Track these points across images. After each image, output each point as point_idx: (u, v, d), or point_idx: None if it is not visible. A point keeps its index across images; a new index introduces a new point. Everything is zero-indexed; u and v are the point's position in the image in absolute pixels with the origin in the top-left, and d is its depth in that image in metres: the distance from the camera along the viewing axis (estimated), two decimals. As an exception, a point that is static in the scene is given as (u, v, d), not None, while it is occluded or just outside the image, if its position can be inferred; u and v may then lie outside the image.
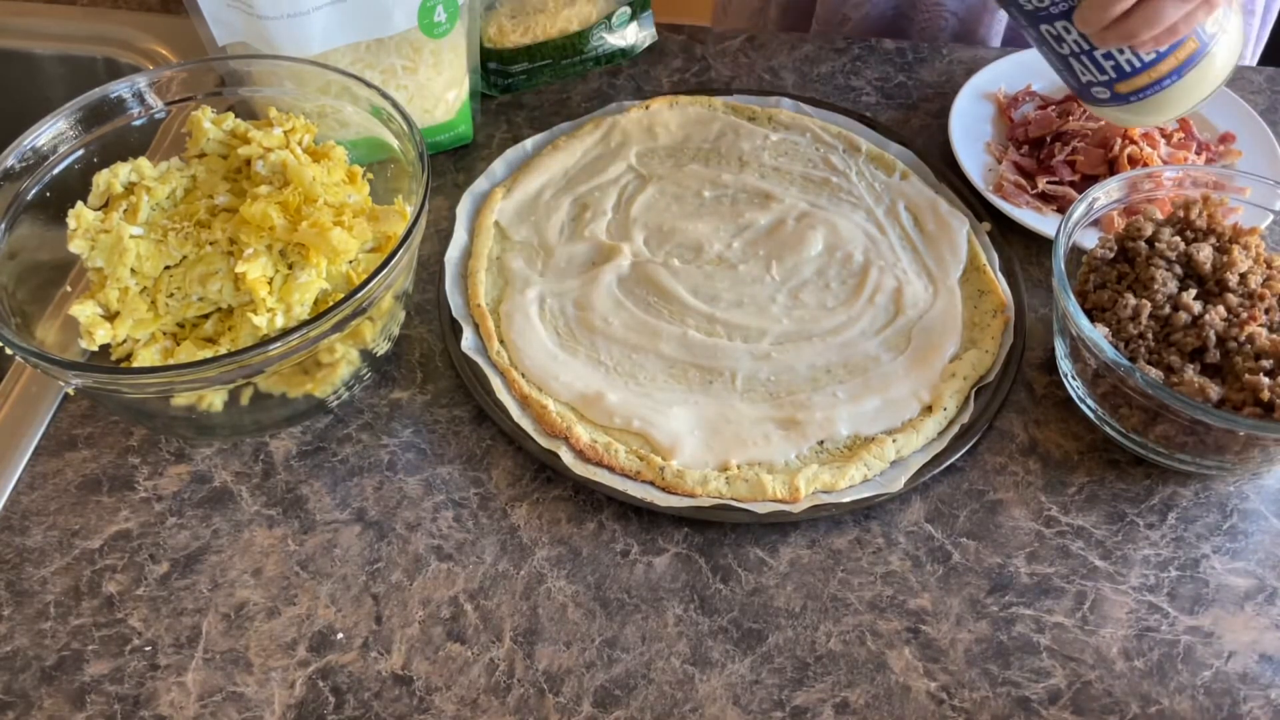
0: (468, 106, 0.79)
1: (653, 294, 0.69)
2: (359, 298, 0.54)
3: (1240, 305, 0.59)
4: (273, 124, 0.63)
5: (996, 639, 0.55)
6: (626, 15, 0.86)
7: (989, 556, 0.58)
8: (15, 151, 0.61)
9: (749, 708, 0.52)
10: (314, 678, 0.53)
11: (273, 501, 0.60)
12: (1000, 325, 0.67)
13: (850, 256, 0.71)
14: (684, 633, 0.55)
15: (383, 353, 0.64)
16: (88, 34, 0.91)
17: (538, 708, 0.52)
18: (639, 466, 0.60)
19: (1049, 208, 0.74)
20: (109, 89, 0.64)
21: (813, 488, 0.59)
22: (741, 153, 0.79)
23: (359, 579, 0.57)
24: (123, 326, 0.58)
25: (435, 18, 0.71)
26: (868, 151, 0.78)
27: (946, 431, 0.63)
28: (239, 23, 0.68)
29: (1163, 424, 0.57)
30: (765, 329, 0.67)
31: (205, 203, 0.61)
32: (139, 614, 0.55)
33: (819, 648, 0.54)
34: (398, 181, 0.66)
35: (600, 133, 0.80)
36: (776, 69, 0.88)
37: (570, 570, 0.57)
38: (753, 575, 0.57)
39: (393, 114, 0.63)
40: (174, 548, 0.58)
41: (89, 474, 0.61)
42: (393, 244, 0.60)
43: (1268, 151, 0.77)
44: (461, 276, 0.71)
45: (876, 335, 0.67)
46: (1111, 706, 0.52)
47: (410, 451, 0.62)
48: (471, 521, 0.59)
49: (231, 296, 0.59)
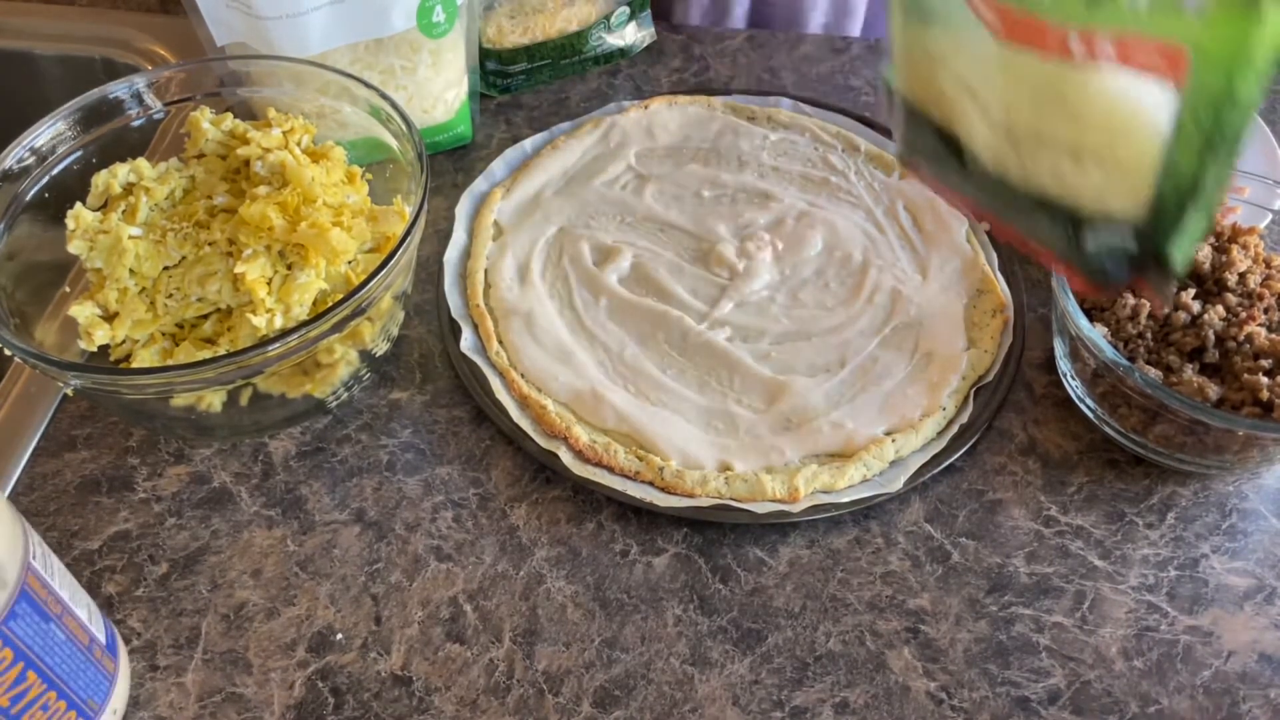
0: (467, 107, 0.79)
1: (652, 294, 0.69)
2: (358, 298, 0.54)
3: (1239, 305, 0.59)
4: (271, 124, 0.63)
5: (996, 639, 0.55)
6: (625, 15, 0.86)
7: (988, 556, 0.58)
8: (14, 152, 0.61)
9: (748, 708, 0.52)
10: (313, 678, 0.53)
11: (272, 502, 0.60)
12: (999, 325, 0.67)
13: (849, 256, 0.71)
14: (683, 633, 0.55)
15: (382, 353, 0.64)
16: (86, 34, 0.90)
17: (537, 708, 0.52)
18: (638, 467, 0.60)
19: (1048, 207, 0.74)
20: (108, 89, 0.64)
21: (812, 488, 0.59)
22: (740, 152, 0.79)
23: (358, 579, 0.57)
24: (121, 327, 0.58)
25: (434, 18, 0.71)
26: (867, 151, 0.79)
27: (945, 431, 0.63)
28: (238, 23, 0.68)
29: (1162, 424, 0.58)
30: (764, 329, 0.67)
31: (204, 203, 0.61)
32: (138, 614, 0.55)
33: (818, 648, 0.54)
34: (397, 182, 0.66)
35: (599, 133, 0.80)
36: (775, 69, 0.88)
37: (570, 570, 0.57)
38: (752, 575, 0.57)
39: (392, 114, 0.63)
40: (173, 548, 0.58)
41: (88, 475, 0.61)
42: (392, 244, 0.60)
43: (1266, 151, 0.77)
44: (460, 277, 0.71)
45: (875, 335, 0.67)
46: (1111, 706, 0.52)
47: (409, 452, 0.62)
48: (471, 522, 0.59)
49: (230, 297, 0.59)
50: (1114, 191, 0.39)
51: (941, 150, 0.47)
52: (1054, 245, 0.44)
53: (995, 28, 0.40)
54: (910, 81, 0.48)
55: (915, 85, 0.48)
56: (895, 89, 0.49)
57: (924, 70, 0.46)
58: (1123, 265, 0.42)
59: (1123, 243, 0.40)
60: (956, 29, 0.43)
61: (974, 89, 0.43)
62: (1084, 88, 0.38)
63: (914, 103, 0.48)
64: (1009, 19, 0.39)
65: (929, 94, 0.47)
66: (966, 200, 0.49)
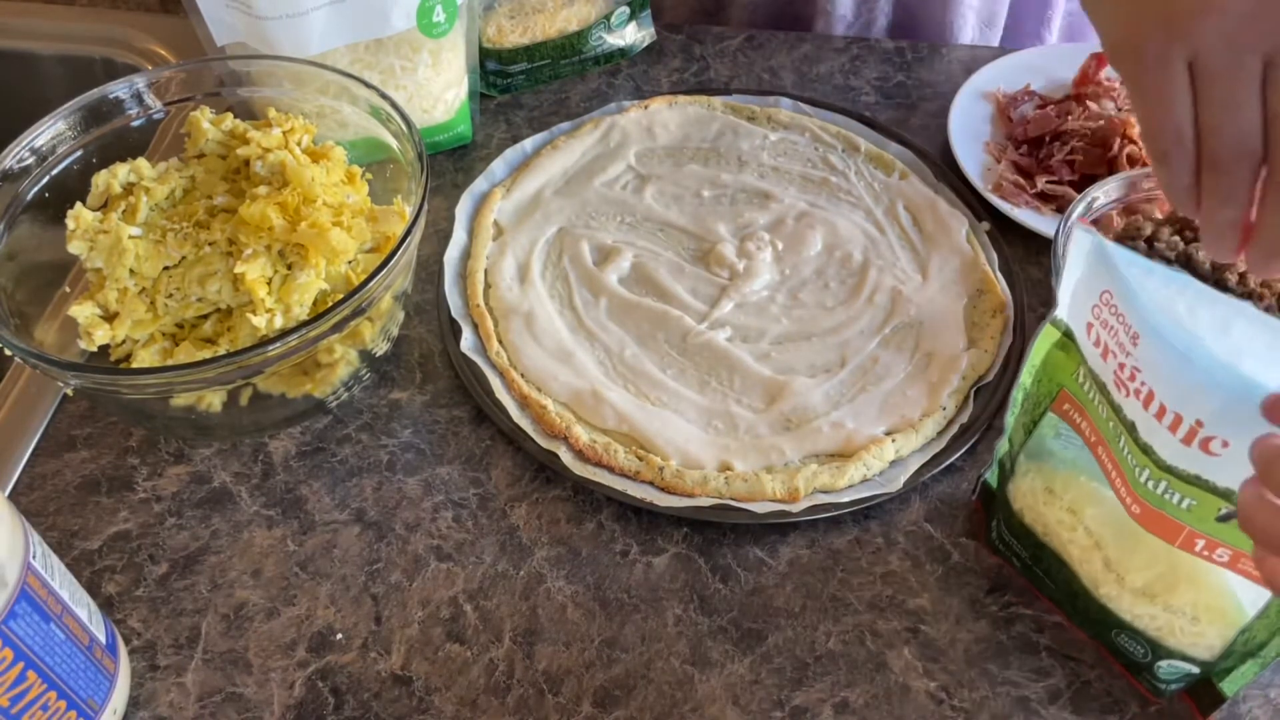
0: (466, 107, 0.79)
1: (652, 294, 0.69)
2: (358, 298, 0.54)
3: (1239, 305, 0.59)
4: (271, 124, 0.63)
5: (996, 639, 0.55)
6: (625, 15, 0.86)
7: (988, 556, 0.58)
8: (14, 152, 0.61)
9: (748, 708, 0.52)
10: (313, 678, 0.53)
11: (272, 502, 0.60)
12: (999, 325, 0.67)
13: (849, 256, 0.71)
14: (683, 633, 0.55)
15: (382, 353, 0.64)
16: (86, 34, 0.90)
17: (537, 708, 0.52)
18: (638, 466, 0.60)
19: (1048, 207, 0.74)
20: (108, 89, 0.64)
21: (812, 488, 0.59)
22: (740, 152, 0.79)
23: (358, 579, 0.57)
24: (122, 327, 0.58)
25: (434, 18, 0.71)
26: (866, 151, 0.78)
27: (945, 431, 0.63)
28: (238, 23, 0.68)
29: (1162, 424, 0.58)
30: (764, 329, 0.67)
31: (204, 203, 0.61)
32: (138, 614, 0.55)
33: (818, 648, 0.54)
34: (397, 182, 0.66)
35: (599, 133, 0.80)
36: (775, 68, 0.88)
37: (570, 570, 0.57)
38: (752, 575, 0.57)
39: (391, 114, 0.63)
40: (173, 548, 0.58)
41: (88, 475, 0.61)
42: (392, 244, 0.60)
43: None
44: (461, 277, 0.71)
45: (875, 335, 0.67)
46: (1111, 706, 0.52)
47: (409, 452, 0.62)
48: (471, 522, 0.59)
49: (230, 297, 0.59)
50: (1199, 641, 0.48)
51: (1035, 552, 0.54)
52: (1126, 659, 0.51)
53: (1132, 512, 0.46)
54: (1017, 494, 0.54)
55: (1021, 496, 0.53)
56: (994, 490, 0.56)
57: (1034, 491, 0.52)
58: (1181, 685, 0.50)
59: (1188, 671, 0.49)
60: (1084, 483, 0.49)
61: (1089, 528, 0.50)
62: (1195, 567, 0.45)
63: (1016, 509, 0.54)
64: (1145, 509, 0.45)
65: (1033, 508, 0.53)
66: (1045, 596, 0.55)
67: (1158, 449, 0.43)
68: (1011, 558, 0.56)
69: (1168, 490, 0.43)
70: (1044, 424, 0.50)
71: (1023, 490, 0.53)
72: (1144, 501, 0.45)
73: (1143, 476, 0.44)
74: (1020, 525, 0.54)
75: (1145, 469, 0.44)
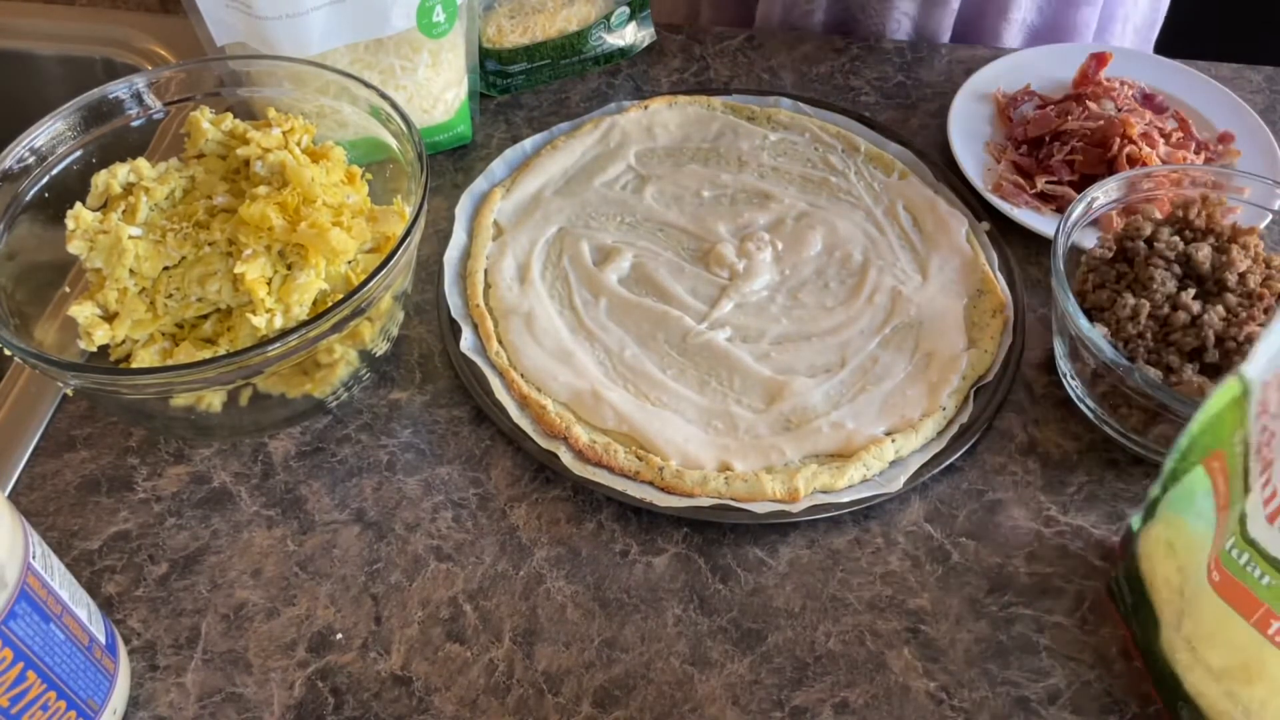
0: (466, 106, 0.79)
1: (652, 294, 0.69)
2: (358, 298, 0.54)
3: (1239, 305, 0.59)
4: (271, 124, 0.63)
5: (996, 639, 0.55)
6: (625, 15, 0.86)
7: (988, 556, 0.58)
8: (14, 152, 0.60)
9: (748, 708, 0.52)
10: (313, 678, 0.53)
11: (272, 502, 0.60)
12: (999, 325, 0.67)
13: (849, 256, 0.71)
14: (683, 633, 0.55)
15: (382, 353, 0.64)
16: (86, 34, 0.91)
17: (537, 708, 0.52)
18: (638, 466, 0.60)
19: (1048, 207, 0.74)
20: (107, 89, 0.64)
21: (812, 488, 0.59)
22: (740, 152, 0.79)
23: (358, 579, 0.57)
24: (121, 327, 0.58)
25: (434, 18, 0.71)
26: (866, 151, 0.78)
27: (945, 431, 0.63)
28: (238, 23, 0.68)
29: (1162, 424, 0.57)
30: (764, 329, 0.67)
31: (204, 203, 0.61)
32: (138, 615, 0.55)
33: (818, 648, 0.54)
34: (396, 182, 0.66)
35: (599, 133, 0.80)
36: (775, 69, 0.88)
37: (569, 570, 0.57)
38: (752, 575, 0.57)
39: (391, 114, 0.63)
40: (173, 548, 0.58)
41: (88, 475, 0.61)
42: (391, 244, 0.60)
43: (1267, 151, 0.77)
44: (460, 277, 0.71)
45: (875, 335, 0.67)
46: (1111, 706, 0.52)
47: (409, 452, 0.62)
48: (471, 522, 0.59)
49: (230, 297, 0.59)
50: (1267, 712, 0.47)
51: (1137, 600, 0.53)
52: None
53: (1212, 579, 0.46)
54: (1146, 539, 0.53)
55: (1148, 543, 0.53)
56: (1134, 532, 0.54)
57: (1159, 541, 0.52)
58: None
59: None
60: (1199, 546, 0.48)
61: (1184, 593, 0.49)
62: (1263, 649, 0.44)
63: (1138, 554, 0.53)
64: (1225, 577, 0.45)
65: (1149, 558, 0.52)
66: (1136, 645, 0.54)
67: (1249, 518, 0.42)
68: (1118, 602, 0.55)
69: (1250, 563, 0.43)
70: (1194, 476, 0.48)
71: (1151, 537, 0.52)
72: (1225, 570, 0.44)
73: (1228, 544, 0.44)
74: (1135, 571, 0.53)
75: (1233, 536, 0.43)
